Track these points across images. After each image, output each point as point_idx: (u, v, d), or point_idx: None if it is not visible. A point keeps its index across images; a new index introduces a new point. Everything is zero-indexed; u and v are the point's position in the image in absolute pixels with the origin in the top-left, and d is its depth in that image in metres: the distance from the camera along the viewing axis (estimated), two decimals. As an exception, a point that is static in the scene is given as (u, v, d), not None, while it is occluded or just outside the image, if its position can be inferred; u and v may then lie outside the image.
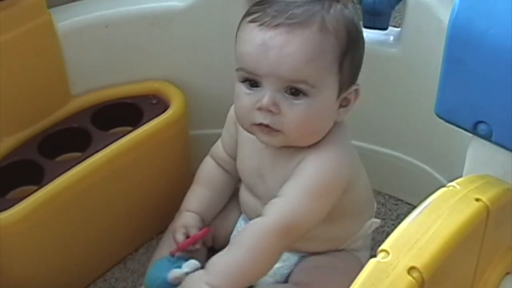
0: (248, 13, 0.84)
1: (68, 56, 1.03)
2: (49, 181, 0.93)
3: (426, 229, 0.59)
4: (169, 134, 1.05)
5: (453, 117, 0.70)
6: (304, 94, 0.81)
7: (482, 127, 0.67)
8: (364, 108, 1.05)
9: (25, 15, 0.96)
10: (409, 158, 1.10)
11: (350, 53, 0.83)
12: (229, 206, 1.03)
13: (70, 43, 1.02)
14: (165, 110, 1.05)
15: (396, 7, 1.01)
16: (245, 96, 0.83)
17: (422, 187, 0.99)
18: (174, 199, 1.02)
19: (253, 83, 0.83)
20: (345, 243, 0.95)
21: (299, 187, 0.84)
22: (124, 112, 1.07)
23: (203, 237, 0.95)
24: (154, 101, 1.07)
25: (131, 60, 1.08)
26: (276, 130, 0.83)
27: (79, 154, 0.99)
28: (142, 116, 1.04)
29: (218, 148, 1.01)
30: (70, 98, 1.06)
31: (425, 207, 0.61)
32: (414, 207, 0.62)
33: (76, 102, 1.06)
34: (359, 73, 0.87)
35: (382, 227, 1.11)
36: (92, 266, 1.04)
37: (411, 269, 0.55)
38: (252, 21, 0.82)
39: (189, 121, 1.10)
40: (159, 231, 1.09)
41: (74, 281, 1.02)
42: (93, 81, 1.07)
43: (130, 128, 1.02)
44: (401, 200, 1.16)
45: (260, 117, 0.82)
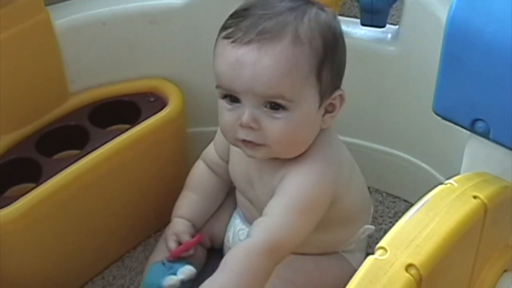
0: (223, 27, 0.82)
1: (66, 54, 1.03)
2: (47, 179, 0.93)
3: (423, 227, 0.58)
4: (167, 132, 1.05)
5: (451, 114, 0.70)
6: (284, 108, 0.80)
7: (480, 125, 0.67)
8: (361, 105, 1.05)
9: (23, 13, 0.95)
10: (406, 156, 1.11)
11: (328, 61, 0.81)
12: (224, 204, 1.02)
13: (67, 41, 1.02)
14: (162, 107, 1.05)
15: (394, 5, 1.00)
16: (226, 112, 0.82)
17: (420, 185, 0.99)
18: (172, 197, 1.02)
19: (233, 98, 0.81)
20: (337, 248, 0.94)
21: (282, 205, 0.82)
22: (122, 110, 1.07)
23: (196, 244, 0.95)
24: (152, 99, 1.07)
25: (129, 58, 1.08)
26: (259, 144, 0.82)
27: (77, 152, 0.99)
28: (140, 114, 1.04)
29: (210, 151, 1.00)
30: (68, 96, 1.06)
31: (423, 204, 0.61)
32: (412, 205, 0.62)
33: (74, 100, 1.06)
34: (343, 77, 0.85)
35: (380, 224, 1.11)
36: (90, 264, 1.04)
37: (408, 266, 0.55)
38: (225, 37, 0.80)
39: (187, 119, 1.10)
40: (157, 229, 1.10)
41: (72, 279, 1.02)
42: (91, 79, 1.07)
43: (128, 126, 1.02)
44: (399, 198, 1.16)
45: (242, 134, 0.82)
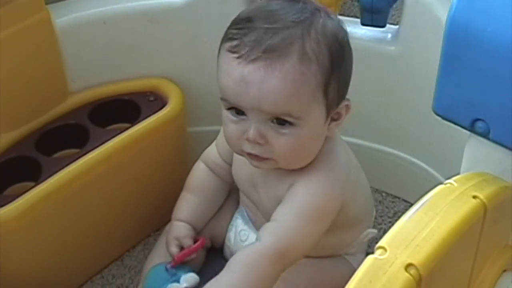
0: (226, 36, 0.80)
1: (66, 52, 1.03)
2: (47, 178, 0.93)
3: (423, 226, 0.58)
4: (167, 131, 1.05)
5: (450, 114, 0.70)
6: (290, 123, 0.79)
7: (479, 125, 0.67)
8: (361, 105, 1.05)
9: (23, 11, 0.95)
10: (406, 156, 1.11)
11: (335, 76, 0.79)
12: (225, 205, 1.02)
13: (68, 40, 1.02)
14: (162, 107, 1.05)
15: (394, 5, 1.00)
16: (232, 124, 0.81)
17: (420, 185, 0.99)
18: (172, 196, 1.02)
19: (238, 110, 0.80)
20: (340, 251, 0.94)
21: (292, 211, 0.82)
22: (121, 109, 1.07)
23: (198, 249, 0.94)
24: (151, 98, 1.07)
25: (129, 57, 1.08)
26: (265, 158, 0.81)
27: (77, 150, 0.99)
28: (139, 113, 1.04)
29: (211, 152, 0.99)
30: (68, 95, 1.06)
31: (423, 204, 0.61)
32: (412, 205, 0.62)
33: (74, 98, 1.06)
34: (349, 85, 0.84)
35: (379, 224, 1.11)
36: (89, 263, 1.04)
37: (408, 266, 0.55)
38: (230, 51, 0.78)
39: (187, 118, 1.10)
40: (156, 228, 1.10)
41: (72, 278, 1.02)
42: (91, 77, 1.07)
43: (127, 125, 1.02)
44: (399, 198, 1.16)
45: (248, 147, 0.81)
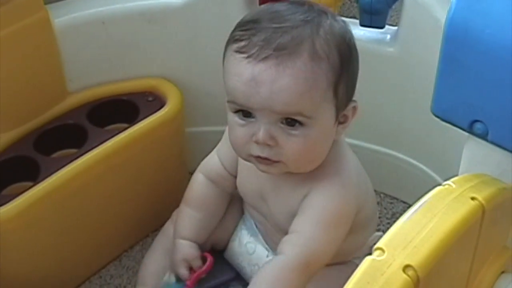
0: (233, 38, 0.79)
1: (65, 52, 1.03)
2: (45, 178, 0.93)
3: (421, 228, 0.58)
4: (165, 131, 1.05)
5: (449, 116, 0.70)
6: (301, 123, 0.77)
7: (478, 126, 0.67)
8: (359, 106, 1.05)
9: (22, 11, 0.95)
10: (405, 157, 1.11)
11: (344, 76, 0.79)
12: (227, 212, 0.98)
13: (66, 40, 1.02)
14: (161, 107, 1.05)
15: (393, 6, 1.00)
16: (239, 127, 0.79)
17: (418, 186, 0.99)
18: (170, 197, 1.02)
19: (246, 113, 0.79)
20: (350, 256, 0.93)
21: (312, 221, 0.81)
22: (120, 109, 1.07)
23: (209, 270, 0.93)
24: (150, 98, 1.07)
25: (128, 57, 1.08)
26: (275, 161, 0.80)
27: (75, 150, 0.99)
28: (138, 113, 1.04)
29: (212, 163, 0.95)
30: (66, 95, 1.06)
31: (421, 205, 0.61)
32: (410, 206, 0.62)
33: (72, 98, 1.06)
34: (355, 87, 0.83)
35: (377, 225, 1.11)
36: (87, 263, 1.04)
37: (406, 267, 0.55)
38: (238, 51, 0.76)
39: (185, 119, 1.10)
40: (154, 228, 1.10)
41: (70, 278, 1.02)
42: (90, 77, 1.07)
43: (126, 125, 1.02)
44: (397, 199, 1.16)
45: (257, 150, 0.79)
